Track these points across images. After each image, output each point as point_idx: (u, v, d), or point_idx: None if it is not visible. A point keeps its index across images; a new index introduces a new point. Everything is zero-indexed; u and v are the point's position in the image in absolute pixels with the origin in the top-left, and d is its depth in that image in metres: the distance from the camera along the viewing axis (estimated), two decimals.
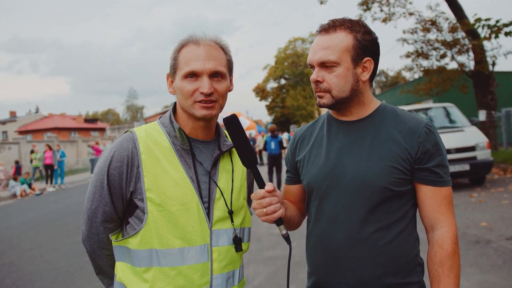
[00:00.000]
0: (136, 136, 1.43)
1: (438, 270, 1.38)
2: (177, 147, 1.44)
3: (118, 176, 1.38)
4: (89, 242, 1.48)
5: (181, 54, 1.44)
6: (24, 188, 16.46)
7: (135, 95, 75.50)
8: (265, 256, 5.62)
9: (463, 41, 14.34)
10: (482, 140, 9.24)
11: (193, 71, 1.39)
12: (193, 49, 1.42)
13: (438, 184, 1.42)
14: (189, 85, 1.40)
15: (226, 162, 1.53)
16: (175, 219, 1.36)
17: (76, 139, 32.99)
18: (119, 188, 1.39)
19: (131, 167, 1.38)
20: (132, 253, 1.39)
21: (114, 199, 1.40)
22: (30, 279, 5.43)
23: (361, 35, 1.45)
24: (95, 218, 1.43)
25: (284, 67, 55.87)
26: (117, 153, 1.40)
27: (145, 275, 1.36)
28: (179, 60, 1.43)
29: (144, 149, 1.40)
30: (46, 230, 8.80)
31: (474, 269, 4.46)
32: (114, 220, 1.44)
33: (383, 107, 1.54)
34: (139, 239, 1.36)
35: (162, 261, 1.35)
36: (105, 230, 1.45)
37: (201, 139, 1.49)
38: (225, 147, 1.50)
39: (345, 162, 1.46)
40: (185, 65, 1.41)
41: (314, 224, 1.55)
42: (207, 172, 1.46)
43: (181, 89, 1.42)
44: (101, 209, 1.41)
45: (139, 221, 1.38)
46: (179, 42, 1.47)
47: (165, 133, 1.46)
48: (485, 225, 6.13)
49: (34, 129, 48.41)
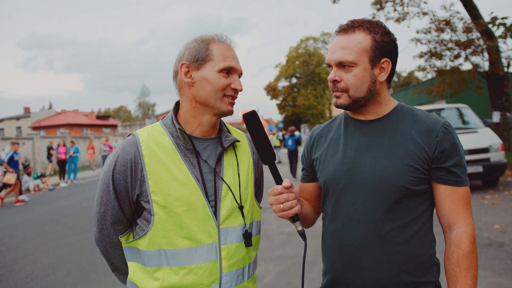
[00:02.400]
0: (138, 139, 1.43)
1: (455, 270, 1.38)
2: (181, 147, 1.44)
3: (123, 180, 1.40)
4: (102, 243, 1.52)
5: (214, 47, 1.45)
6: (37, 183, 16.67)
7: (147, 93, 75.88)
8: (276, 254, 5.63)
9: (477, 41, 14.16)
10: (495, 141, 9.11)
11: (233, 67, 1.44)
12: (227, 48, 1.47)
13: (456, 183, 1.42)
14: (224, 79, 1.42)
15: (231, 157, 1.53)
16: (180, 220, 1.36)
17: (89, 135, 33.29)
18: (125, 191, 1.41)
19: (135, 171, 1.39)
20: (142, 253, 1.41)
21: (121, 202, 1.42)
22: (44, 273, 5.52)
23: (380, 36, 1.45)
24: (104, 220, 1.46)
25: (296, 66, 55.75)
26: (121, 158, 1.41)
27: (156, 274, 1.38)
28: (214, 53, 1.44)
29: (147, 152, 1.40)
30: (59, 225, 8.91)
31: (487, 272, 4.42)
32: (123, 222, 1.46)
33: (400, 107, 1.55)
34: (147, 240, 1.38)
35: (171, 261, 1.37)
36: (115, 231, 1.47)
37: (205, 137, 1.50)
38: (227, 142, 1.50)
39: (362, 161, 1.47)
40: (223, 59, 1.43)
41: (331, 222, 1.56)
42: (213, 169, 1.46)
43: (215, 81, 1.42)
44: (110, 212, 1.43)
45: (147, 223, 1.40)
46: (205, 35, 1.49)
47: (168, 134, 1.46)
48: (498, 228, 6.06)
49: (48, 125, 49.04)
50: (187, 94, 1.47)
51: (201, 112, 1.46)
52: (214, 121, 1.48)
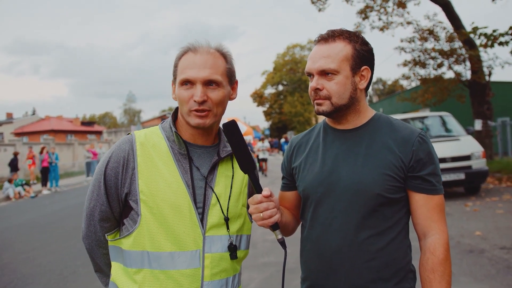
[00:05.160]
0: (134, 139, 1.46)
1: (430, 277, 1.40)
2: (175, 151, 1.45)
3: (114, 177, 1.42)
4: (88, 240, 1.52)
5: (180, 61, 1.46)
6: (18, 190, 16.36)
7: (133, 99, 75.60)
8: (260, 262, 5.61)
9: (460, 50, 14.46)
10: (477, 149, 9.28)
11: (188, 79, 1.42)
12: (191, 56, 1.44)
13: (431, 192, 1.45)
14: (184, 93, 1.42)
15: (226, 168, 1.53)
16: (166, 222, 1.37)
17: (73, 141, 32.85)
18: (115, 188, 1.42)
19: (126, 168, 1.41)
20: (125, 253, 1.41)
21: (110, 199, 1.43)
22: (24, 282, 5.40)
23: (359, 45, 1.49)
24: (92, 216, 1.46)
25: (282, 74, 56.10)
26: (115, 154, 1.44)
27: (136, 276, 1.38)
28: (178, 67, 1.46)
29: (141, 152, 1.42)
30: (40, 233, 8.75)
31: (468, 278, 4.47)
32: (111, 220, 1.47)
33: (378, 116, 1.57)
34: (132, 240, 1.39)
35: (153, 263, 1.36)
36: (102, 229, 1.48)
37: (200, 144, 1.50)
38: (224, 153, 1.50)
39: (340, 169, 1.48)
40: (181, 72, 1.43)
41: (309, 230, 1.56)
42: (204, 177, 1.46)
43: (178, 96, 1.44)
44: (98, 208, 1.44)
45: (133, 223, 1.40)
46: (180, 49, 1.49)
47: (165, 137, 1.48)
48: (480, 234, 6.15)
49: (31, 131, 48.23)
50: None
51: (185, 123, 1.49)
52: (198, 132, 1.48)
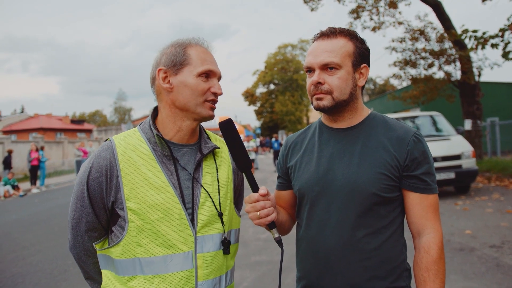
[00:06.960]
0: (114, 145, 1.40)
1: (424, 275, 1.41)
2: (158, 153, 1.41)
3: (98, 187, 1.37)
4: (76, 250, 1.48)
5: (191, 51, 1.42)
6: (7, 189, 16.18)
7: (123, 97, 75.21)
8: (252, 261, 5.61)
9: (450, 51, 14.58)
10: (467, 149, 9.38)
11: (212, 70, 1.41)
12: (204, 51, 1.45)
13: (425, 191, 1.46)
14: (204, 83, 1.41)
15: (210, 164, 1.51)
16: (156, 227, 1.34)
17: (62, 140, 32.51)
18: (100, 198, 1.38)
19: (110, 177, 1.36)
20: (116, 262, 1.38)
21: (96, 209, 1.39)
22: (13, 281, 5.34)
23: (359, 43, 1.52)
24: (78, 227, 1.42)
25: (274, 73, 56.05)
26: (96, 164, 1.38)
27: (129, 283, 1.35)
28: (192, 57, 1.42)
29: (122, 158, 1.37)
30: (29, 232, 8.65)
31: (458, 276, 4.52)
32: (98, 229, 1.43)
33: (373, 115, 1.58)
34: (121, 248, 1.36)
35: (145, 269, 1.34)
36: (89, 239, 1.44)
37: (184, 143, 1.47)
38: (207, 149, 1.48)
39: (336, 168, 1.49)
40: (201, 63, 1.41)
41: (305, 229, 1.57)
42: (191, 176, 1.43)
43: (194, 85, 1.40)
44: (84, 219, 1.40)
45: (122, 230, 1.37)
46: (182, 39, 1.46)
47: (145, 140, 1.43)
48: (469, 233, 6.22)
49: (19, 129, 47.62)
50: (166, 100, 1.44)
51: (180, 117, 1.44)
52: (194, 126, 1.46)
